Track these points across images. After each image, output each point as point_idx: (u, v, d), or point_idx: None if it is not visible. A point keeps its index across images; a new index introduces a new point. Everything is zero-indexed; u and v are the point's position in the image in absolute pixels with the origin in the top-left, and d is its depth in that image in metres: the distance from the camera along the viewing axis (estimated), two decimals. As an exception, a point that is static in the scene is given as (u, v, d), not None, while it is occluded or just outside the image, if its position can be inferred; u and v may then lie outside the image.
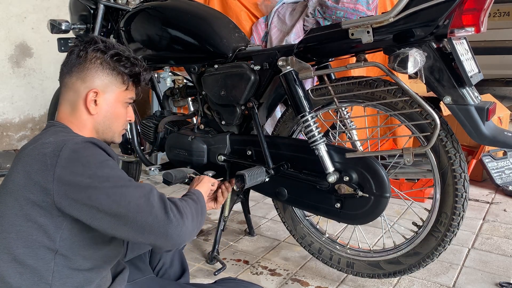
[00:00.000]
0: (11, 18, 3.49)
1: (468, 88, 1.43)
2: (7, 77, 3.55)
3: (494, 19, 4.14)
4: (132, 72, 1.21)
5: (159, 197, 1.05)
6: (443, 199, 1.58)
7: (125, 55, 1.20)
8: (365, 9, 2.60)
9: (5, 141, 3.62)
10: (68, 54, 1.20)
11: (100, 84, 1.17)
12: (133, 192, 1.03)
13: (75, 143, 1.04)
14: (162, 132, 2.12)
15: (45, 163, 1.02)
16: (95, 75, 1.17)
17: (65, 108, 1.19)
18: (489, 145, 1.49)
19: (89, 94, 1.16)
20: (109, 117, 1.21)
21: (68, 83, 1.18)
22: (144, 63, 1.26)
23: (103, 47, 1.18)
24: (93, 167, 1.02)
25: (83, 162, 1.02)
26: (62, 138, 1.07)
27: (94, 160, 1.04)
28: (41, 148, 1.04)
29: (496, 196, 2.80)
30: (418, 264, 1.66)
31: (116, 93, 1.20)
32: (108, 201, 1.00)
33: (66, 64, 1.20)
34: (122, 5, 2.28)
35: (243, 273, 1.94)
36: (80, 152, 1.03)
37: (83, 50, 1.18)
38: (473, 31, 1.40)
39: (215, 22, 2.00)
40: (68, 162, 1.01)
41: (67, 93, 1.19)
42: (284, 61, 1.64)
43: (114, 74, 1.19)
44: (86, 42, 1.19)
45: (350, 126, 1.77)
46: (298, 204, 1.82)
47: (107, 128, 1.22)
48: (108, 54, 1.18)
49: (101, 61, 1.17)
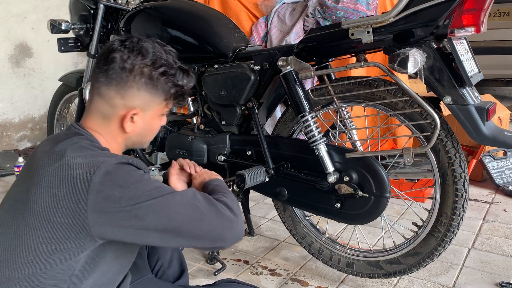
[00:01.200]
0: (11, 18, 3.49)
1: (468, 88, 1.43)
2: (7, 77, 3.55)
3: (494, 19, 4.14)
4: (178, 91, 1.12)
5: (205, 201, 1.02)
6: (443, 199, 1.58)
7: (172, 71, 1.10)
8: (365, 9, 2.60)
9: (5, 141, 3.62)
10: (108, 60, 1.07)
11: (140, 103, 1.08)
12: (179, 202, 0.98)
13: (108, 165, 0.97)
14: (162, 132, 2.12)
15: (76, 187, 0.95)
16: (136, 94, 1.07)
17: (95, 118, 1.10)
18: (489, 145, 1.49)
19: (128, 114, 1.08)
20: (143, 133, 1.14)
21: (105, 94, 1.08)
22: (192, 77, 1.16)
23: (151, 62, 1.07)
24: (131, 187, 0.96)
25: (119, 183, 0.96)
26: (92, 158, 0.98)
27: (131, 179, 0.97)
28: (69, 169, 0.97)
29: (496, 196, 2.80)
30: (418, 264, 1.66)
31: (156, 109, 1.12)
32: (157, 218, 0.96)
33: (104, 71, 1.07)
34: (122, 5, 2.28)
35: (243, 273, 1.94)
36: (114, 174, 0.96)
37: (128, 63, 1.06)
38: (473, 31, 1.40)
39: (215, 22, 2.00)
40: (103, 186, 0.95)
41: (102, 105, 1.09)
42: (284, 61, 1.64)
43: (158, 93, 1.09)
44: (132, 51, 1.07)
45: (350, 126, 1.77)
46: (298, 204, 1.82)
47: (139, 142, 1.16)
48: (157, 72, 1.07)
49: (146, 79, 1.07)
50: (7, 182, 3.14)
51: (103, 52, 1.10)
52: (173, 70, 1.10)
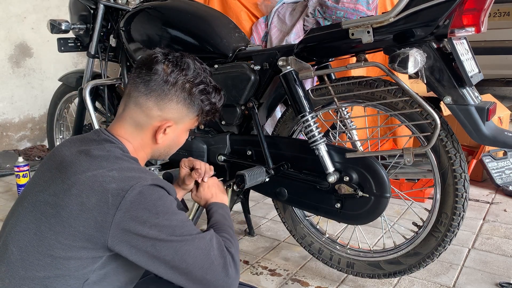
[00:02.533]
0: (11, 18, 3.49)
1: (468, 88, 1.43)
2: (7, 77, 3.55)
3: (494, 19, 4.14)
4: (212, 108, 1.17)
5: (219, 250, 1.04)
6: (443, 199, 1.58)
7: (209, 88, 1.15)
8: (365, 9, 2.60)
9: (5, 141, 3.62)
10: (150, 70, 1.09)
11: (176, 117, 1.12)
12: (196, 247, 1.01)
13: (142, 185, 0.98)
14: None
15: (106, 201, 0.96)
16: (174, 108, 1.11)
17: (128, 126, 1.12)
18: (489, 145, 1.49)
19: (163, 126, 1.11)
20: (171, 146, 1.18)
21: (142, 104, 1.10)
22: (221, 89, 1.20)
23: (193, 78, 1.12)
24: (160, 215, 0.98)
25: (149, 207, 0.98)
26: (127, 174, 1.00)
27: (161, 207, 0.99)
28: (103, 181, 0.97)
29: (496, 196, 2.80)
30: (418, 264, 1.66)
31: (187, 123, 1.17)
32: (172, 256, 0.99)
33: (145, 81, 1.09)
34: (122, 5, 2.28)
35: (243, 273, 1.94)
36: (147, 195, 0.98)
37: (172, 76, 1.09)
38: (473, 31, 1.40)
39: (215, 22, 2.00)
40: (132, 206, 0.96)
41: (137, 113, 1.11)
42: (284, 61, 1.64)
43: (193, 108, 1.14)
44: (176, 65, 1.10)
45: (350, 126, 1.77)
46: (298, 204, 1.82)
47: (165, 154, 1.19)
48: (197, 89, 1.12)
49: (186, 94, 1.11)
50: (7, 182, 3.14)
51: (145, 62, 1.12)
52: (210, 88, 1.16)
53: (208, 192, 1.33)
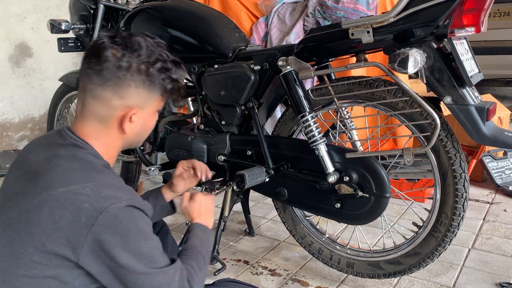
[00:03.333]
0: (11, 18, 3.49)
1: (468, 88, 1.43)
2: (7, 77, 3.54)
3: (494, 19, 4.14)
4: (174, 85, 1.09)
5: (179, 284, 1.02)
6: (443, 199, 1.58)
7: (167, 64, 1.06)
8: (365, 9, 2.60)
9: (5, 141, 3.62)
10: (99, 58, 1.01)
11: (139, 101, 1.05)
12: (159, 281, 0.98)
13: (117, 208, 0.94)
14: (162, 132, 2.12)
15: (79, 220, 0.92)
16: (135, 93, 1.03)
17: (91, 122, 1.05)
18: (489, 145, 1.49)
19: (127, 114, 1.04)
20: (141, 133, 1.12)
21: (100, 96, 1.02)
22: (181, 62, 1.11)
23: (147, 58, 1.03)
24: (131, 241, 0.95)
25: (121, 232, 0.94)
26: (101, 192, 0.95)
27: (133, 232, 0.96)
28: (75, 199, 0.93)
29: (496, 196, 2.80)
30: (418, 264, 1.66)
31: (153, 106, 1.09)
32: (133, 284, 0.97)
33: (98, 71, 1.01)
34: (122, 5, 2.28)
35: (243, 273, 1.94)
36: (120, 218, 0.95)
37: (124, 61, 1.01)
38: (473, 31, 1.40)
39: (215, 22, 1.99)
40: (106, 229, 0.93)
41: (97, 107, 1.04)
42: (284, 61, 1.64)
43: (154, 88, 1.06)
44: (126, 48, 1.02)
45: (350, 126, 1.77)
46: (298, 204, 1.82)
47: (136, 142, 1.14)
48: (154, 68, 1.04)
49: (143, 76, 1.03)
50: (7, 182, 3.14)
51: (92, 50, 1.03)
52: (168, 64, 1.07)
53: (197, 209, 1.29)
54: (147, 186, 3.06)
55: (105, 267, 0.95)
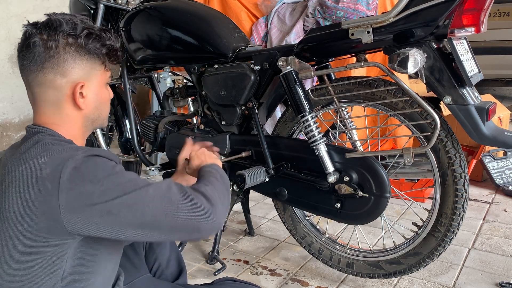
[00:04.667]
0: (11, 18, 3.49)
1: (468, 88, 1.43)
2: (7, 77, 3.55)
3: (494, 19, 4.14)
4: (110, 50, 1.08)
5: (180, 193, 0.98)
6: (443, 199, 1.58)
7: (96, 32, 1.06)
8: (365, 9, 2.60)
9: (5, 141, 3.62)
10: (29, 47, 1.02)
11: (82, 73, 1.04)
12: (152, 196, 0.95)
13: (75, 160, 0.93)
14: (162, 132, 2.12)
15: (45, 188, 0.91)
16: (74, 65, 1.03)
17: (46, 110, 1.05)
18: (489, 145, 1.49)
19: (76, 89, 1.04)
20: (97, 106, 1.10)
21: (44, 81, 1.03)
22: (112, 33, 1.11)
23: (71, 29, 1.03)
24: (103, 181, 0.93)
25: (90, 178, 0.92)
26: (58, 155, 0.95)
27: (102, 173, 0.94)
28: (36, 170, 0.93)
29: (496, 196, 2.80)
30: (418, 264, 1.66)
31: (99, 77, 1.08)
32: (131, 214, 0.93)
33: (32, 59, 1.02)
34: (122, 5, 2.28)
35: (243, 273, 1.94)
36: (83, 168, 0.93)
37: (50, 40, 1.01)
38: (473, 31, 1.40)
39: (215, 22, 1.99)
40: (73, 183, 0.91)
41: (46, 93, 1.04)
42: (284, 61, 1.64)
43: (92, 57, 1.05)
44: (48, 28, 1.02)
45: (350, 126, 1.77)
46: (298, 204, 1.82)
47: (97, 117, 1.12)
48: (82, 37, 1.03)
49: (75, 47, 1.03)
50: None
51: (21, 43, 1.04)
52: (96, 31, 1.06)
53: (197, 159, 1.27)
54: (147, 186, 3.06)
55: (95, 221, 0.93)
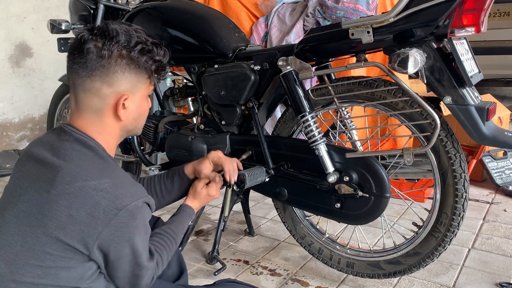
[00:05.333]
0: (11, 18, 3.49)
1: (468, 88, 1.43)
2: (7, 77, 3.54)
3: (494, 19, 4.14)
4: (159, 66, 1.12)
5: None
6: (443, 199, 1.58)
7: (148, 46, 1.09)
8: (365, 9, 2.60)
9: (5, 141, 3.62)
10: (82, 52, 1.04)
11: (128, 86, 1.08)
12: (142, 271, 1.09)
13: (135, 206, 1.01)
14: (162, 132, 2.12)
15: (97, 216, 0.96)
16: (122, 78, 1.06)
17: (88, 116, 1.08)
18: (489, 145, 1.49)
19: (120, 101, 1.07)
20: (136, 118, 1.14)
21: (90, 88, 1.05)
22: (162, 45, 1.14)
23: (126, 41, 1.05)
24: (136, 234, 1.03)
25: (131, 229, 1.02)
26: (120, 191, 1.00)
27: (139, 228, 1.04)
28: (95, 194, 0.97)
29: (496, 196, 2.80)
30: (418, 264, 1.66)
31: (142, 91, 1.12)
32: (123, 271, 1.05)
33: (83, 65, 1.04)
34: (122, 5, 2.28)
35: (243, 273, 1.94)
36: (136, 217, 1.02)
37: (105, 49, 1.04)
38: (473, 31, 1.40)
39: (215, 22, 1.99)
40: (120, 225, 0.99)
41: (90, 99, 1.06)
42: (284, 61, 1.64)
43: (140, 71, 1.09)
44: (105, 37, 1.04)
45: (350, 126, 1.77)
46: (298, 204, 1.82)
47: (134, 127, 1.16)
48: (135, 51, 1.06)
49: (127, 60, 1.06)
50: (7, 182, 3.14)
51: (75, 47, 1.06)
52: (149, 46, 1.09)
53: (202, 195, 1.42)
54: (147, 186, 3.06)
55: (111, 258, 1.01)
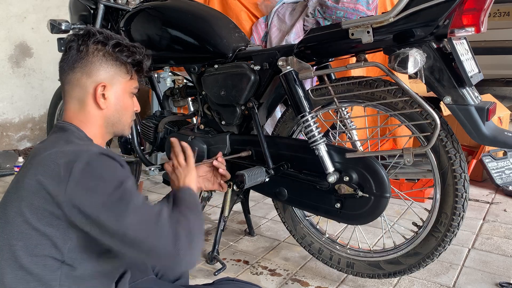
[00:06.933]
0: (11, 18, 3.49)
1: (468, 88, 1.43)
2: (7, 77, 3.55)
3: (494, 19, 4.14)
4: (135, 61, 1.20)
5: (168, 222, 1.02)
6: (443, 199, 1.58)
7: (125, 44, 1.19)
8: (365, 9, 2.60)
9: (5, 141, 3.62)
10: (66, 50, 1.18)
11: (106, 76, 1.16)
12: (143, 216, 1.00)
13: (89, 155, 1.03)
14: (162, 132, 2.12)
15: (58, 174, 1.00)
16: (99, 68, 1.16)
17: (72, 106, 1.17)
18: (489, 145, 1.49)
19: (98, 88, 1.15)
20: (118, 110, 1.20)
21: (73, 79, 1.17)
22: (143, 50, 1.23)
23: (103, 38, 1.16)
24: (107, 183, 1.01)
25: (97, 176, 1.01)
26: (77, 148, 1.05)
27: (108, 175, 1.02)
28: (55, 157, 1.03)
29: (496, 196, 2.80)
30: (418, 264, 1.66)
31: (122, 84, 1.20)
32: (117, 224, 0.98)
33: (66, 61, 1.18)
34: (122, 5, 2.28)
35: (243, 273, 1.94)
36: (94, 165, 1.02)
37: (83, 44, 1.15)
38: (473, 31, 1.40)
39: (215, 22, 1.99)
40: (82, 176, 1.00)
41: (73, 90, 1.17)
42: (284, 61, 1.64)
43: (117, 64, 1.18)
44: (84, 36, 1.17)
45: (350, 126, 1.77)
46: (298, 204, 1.82)
47: (117, 121, 1.21)
48: (110, 44, 1.16)
49: (103, 52, 1.16)
50: (7, 182, 3.14)
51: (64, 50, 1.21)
52: (125, 42, 1.19)
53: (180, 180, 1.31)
54: (147, 186, 3.07)
55: (88, 217, 0.99)
